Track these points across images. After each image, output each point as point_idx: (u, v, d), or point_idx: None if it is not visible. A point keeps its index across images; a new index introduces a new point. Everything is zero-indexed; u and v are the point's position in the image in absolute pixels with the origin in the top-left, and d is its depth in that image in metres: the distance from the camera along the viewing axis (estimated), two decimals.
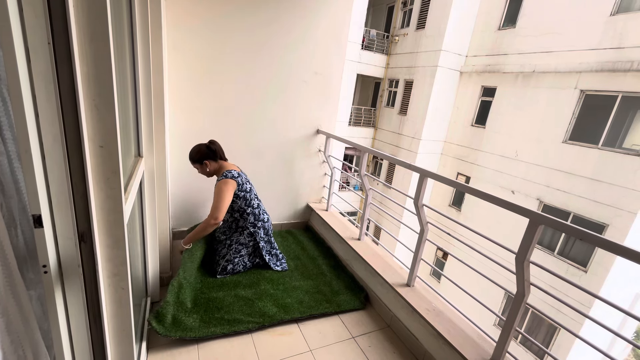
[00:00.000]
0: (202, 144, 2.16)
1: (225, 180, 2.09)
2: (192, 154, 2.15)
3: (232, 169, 2.20)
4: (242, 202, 2.19)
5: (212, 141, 2.19)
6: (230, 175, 2.12)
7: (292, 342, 1.79)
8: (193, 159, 2.15)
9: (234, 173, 2.15)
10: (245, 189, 2.19)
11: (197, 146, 2.16)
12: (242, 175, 2.21)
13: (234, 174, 2.14)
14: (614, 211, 6.24)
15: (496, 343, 1.50)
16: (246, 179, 2.25)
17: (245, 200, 2.20)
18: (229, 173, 2.13)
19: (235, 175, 2.14)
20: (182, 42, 2.26)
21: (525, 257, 1.31)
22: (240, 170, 2.28)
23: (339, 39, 2.81)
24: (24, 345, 0.68)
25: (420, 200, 1.83)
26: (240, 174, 2.20)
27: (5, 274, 0.63)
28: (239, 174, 2.18)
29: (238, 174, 2.18)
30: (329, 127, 3.02)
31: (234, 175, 2.13)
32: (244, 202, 2.19)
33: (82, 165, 0.72)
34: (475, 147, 9.05)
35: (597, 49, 6.58)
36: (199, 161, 2.14)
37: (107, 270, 0.88)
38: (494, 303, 8.16)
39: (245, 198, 2.20)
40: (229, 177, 2.11)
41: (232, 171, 2.15)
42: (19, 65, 0.58)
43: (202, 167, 2.16)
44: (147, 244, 1.69)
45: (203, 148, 2.14)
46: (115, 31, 1.00)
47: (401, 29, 10.84)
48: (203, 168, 2.16)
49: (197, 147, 2.15)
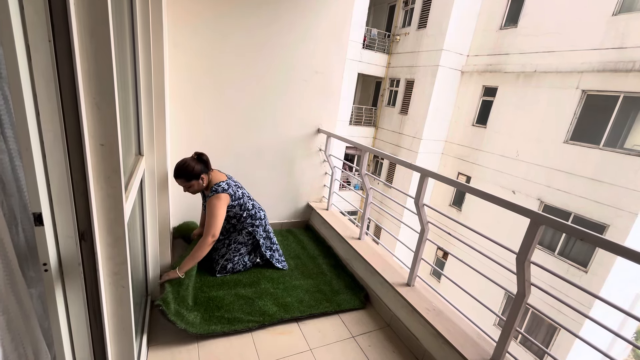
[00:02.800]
0: (188, 159, 2.00)
1: (217, 195, 2.01)
2: (188, 171, 1.96)
3: (220, 179, 2.10)
4: (238, 209, 2.15)
5: (198, 153, 2.05)
6: (220, 189, 2.04)
7: (292, 341, 1.79)
8: (189, 176, 1.96)
9: (223, 185, 2.06)
10: (237, 197, 2.13)
11: (187, 163, 1.97)
12: (231, 184, 2.12)
13: (224, 187, 2.06)
14: (615, 211, 6.23)
15: (496, 343, 1.49)
16: (235, 185, 2.16)
17: (240, 206, 2.16)
18: (218, 187, 2.04)
19: (225, 188, 2.05)
20: (182, 40, 2.26)
21: (526, 257, 1.31)
22: (227, 175, 2.19)
23: (339, 38, 2.80)
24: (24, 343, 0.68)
25: (420, 200, 1.83)
26: (229, 182, 2.11)
27: (6, 272, 0.63)
28: (228, 184, 2.09)
29: (227, 184, 2.08)
30: (330, 126, 3.02)
31: (224, 188, 2.05)
32: (239, 208, 2.16)
33: (82, 164, 0.72)
34: (476, 147, 9.04)
35: (599, 49, 6.56)
36: (196, 177, 1.98)
37: (107, 269, 0.88)
38: (494, 303, 8.16)
39: (240, 204, 2.15)
40: (219, 191, 2.03)
41: (221, 183, 2.06)
42: (19, 63, 0.58)
43: (198, 183, 2.01)
44: (147, 242, 1.70)
45: (195, 163, 1.98)
46: (116, 29, 1.00)
47: (402, 28, 10.82)
48: (199, 184, 2.02)
49: (188, 164, 1.97)
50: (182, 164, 1.98)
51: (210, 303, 1.90)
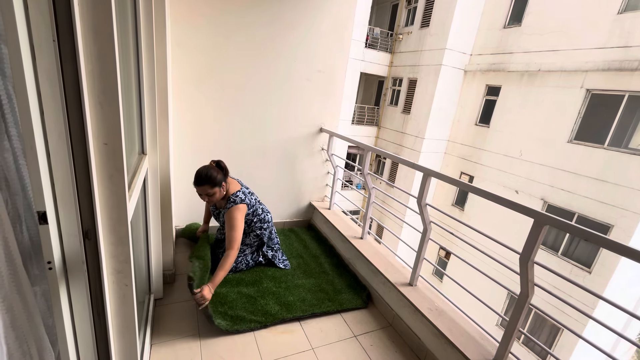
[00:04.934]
0: (210, 167, 1.97)
1: (237, 207, 2.02)
2: (212, 178, 1.92)
3: (235, 188, 2.11)
4: (251, 215, 2.18)
5: (216, 161, 2.04)
6: (239, 200, 2.06)
7: (294, 340, 1.80)
8: (214, 182, 1.92)
9: (240, 196, 2.07)
10: (252, 205, 2.15)
11: (210, 170, 1.94)
12: (246, 192, 2.14)
13: (241, 197, 2.08)
14: (619, 212, 6.19)
15: (499, 343, 1.49)
16: (249, 192, 2.18)
17: (254, 212, 2.19)
18: (236, 198, 2.05)
19: (242, 199, 2.07)
20: (185, 39, 2.26)
21: (530, 258, 1.30)
22: (238, 181, 2.20)
23: (342, 37, 2.80)
24: (28, 340, 0.69)
25: (423, 200, 1.83)
26: (245, 192, 2.13)
27: (11, 270, 0.63)
28: (244, 193, 2.11)
29: (243, 193, 2.10)
30: (332, 125, 3.01)
31: (242, 199, 2.07)
32: (252, 214, 2.18)
33: (86, 162, 0.72)
34: (479, 147, 8.99)
35: (604, 48, 6.51)
36: (219, 185, 1.96)
37: (111, 267, 0.89)
38: (497, 303, 8.13)
39: (254, 212, 2.18)
40: (237, 202, 2.04)
41: (238, 193, 2.08)
42: (24, 62, 0.59)
43: (220, 191, 1.99)
44: (150, 241, 1.70)
45: (217, 172, 1.96)
46: (120, 28, 1.00)
47: (405, 27, 10.78)
48: (221, 192, 2.00)
49: (211, 171, 1.93)
50: (206, 171, 1.93)
51: (213, 299, 1.90)
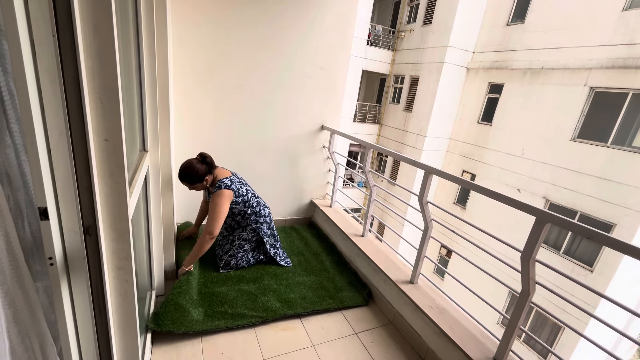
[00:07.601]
0: (193, 161, 1.99)
1: (220, 192, 2.00)
2: (192, 174, 1.96)
3: (224, 175, 2.10)
4: (242, 206, 2.15)
5: (202, 154, 2.04)
6: (224, 185, 2.03)
7: (295, 337, 1.80)
8: (194, 179, 1.97)
9: (226, 182, 2.05)
10: (241, 193, 2.12)
11: (191, 165, 1.96)
12: (235, 180, 2.12)
13: (227, 183, 2.05)
14: (622, 210, 6.15)
15: (500, 341, 1.49)
16: (239, 181, 2.16)
17: (244, 202, 2.15)
18: (222, 183, 2.03)
19: (228, 184, 2.05)
20: (186, 36, 2.26)
21: (531, 256, 1.30)
22: (231, 172, 2.19)
23: (344, 34, 2.78)
24: (30, 335, 0.69)
25: (424, 198, 1.82)
26: (233, 179, 2.11)
27: (13, 265, 0.64)
28: (231, 180, 2.09)
29: (230, 180, 2.08)
30: (334, 123, 3.01)
31: (227, 185, 2.04)
32: (243, 204, 2.15)
33: (87, 159, 0.72)
34: (481, 145, 8.95)
35: (608, 45, 6.45)
36: (200, 180, 1.99)
37: (111, 263, 0.89)
38: (498, 301, 8.13)
39: (244, 201, 2.15)
40: (222, 187, 2.02)
41: (224, 179, 2.06)
42: (24, 58, 0.59)
43: (202, 185, 2.03)
44: (152, 237, 1.71)
45: (199, 165, 1.98)
46: (120, 24, 1.00)
47: (407, 25, 10.72)
48: (202, 185, 2.04)
49: (193, 167, 1.96)
50: (186, 166, 1.97)
51: (214, 298, 1.91)
